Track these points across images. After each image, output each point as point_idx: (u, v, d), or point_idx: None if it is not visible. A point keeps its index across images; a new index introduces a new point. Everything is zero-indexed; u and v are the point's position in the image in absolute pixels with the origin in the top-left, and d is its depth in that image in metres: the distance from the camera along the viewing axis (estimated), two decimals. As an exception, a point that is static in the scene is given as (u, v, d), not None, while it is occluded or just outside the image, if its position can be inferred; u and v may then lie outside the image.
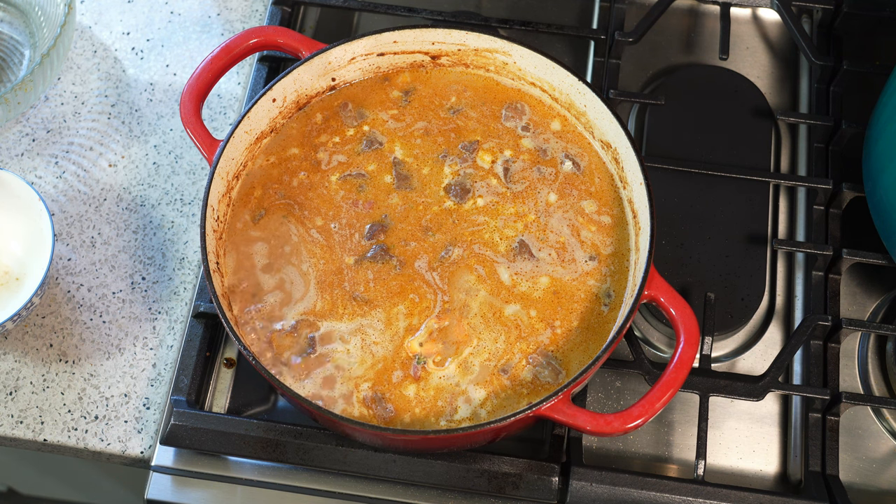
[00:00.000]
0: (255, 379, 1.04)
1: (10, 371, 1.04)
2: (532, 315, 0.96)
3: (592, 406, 1.04)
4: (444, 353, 0.94)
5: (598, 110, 1.01)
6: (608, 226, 1.00)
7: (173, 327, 1.06)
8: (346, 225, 1.00)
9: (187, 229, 1.11)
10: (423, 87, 1.07)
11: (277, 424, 0.96)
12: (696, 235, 1.10)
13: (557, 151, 1.04)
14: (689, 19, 1.25)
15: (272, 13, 1.18)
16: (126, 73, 1.19)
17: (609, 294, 0.97)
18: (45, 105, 1.17)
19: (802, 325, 1.03)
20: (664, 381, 0.87)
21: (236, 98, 1.18)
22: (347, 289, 0.97)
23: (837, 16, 1.19)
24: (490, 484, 0.95)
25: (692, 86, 1.19)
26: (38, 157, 1.14)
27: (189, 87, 1.00)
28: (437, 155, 1.04)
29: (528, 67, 1.04)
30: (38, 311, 1.06)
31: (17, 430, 1.02)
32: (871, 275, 1.11)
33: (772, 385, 1.00)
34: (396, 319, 0.96)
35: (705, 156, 1.14)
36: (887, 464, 1.03)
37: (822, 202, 1.10)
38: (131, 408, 1.03)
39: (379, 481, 0.98)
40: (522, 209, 1.01)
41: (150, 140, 1.16)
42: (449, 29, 1.04)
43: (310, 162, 1.03)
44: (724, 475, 1.02)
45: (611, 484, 0.95)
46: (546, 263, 0.98)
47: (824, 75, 1.16)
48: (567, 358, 0.94)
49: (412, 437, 0.90)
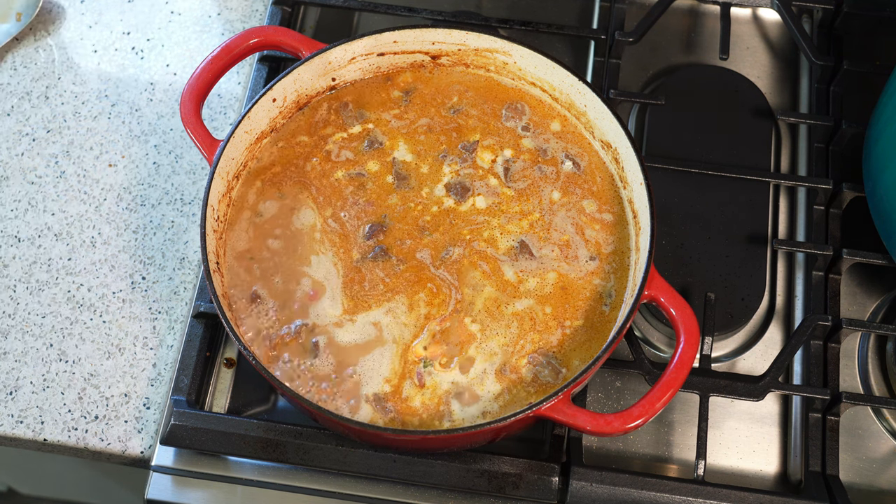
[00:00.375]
0: (255, 379, 1.04)
1: (10, 371, 1.04)
2: (547, 312, 0.96)
3: (592, 406, 1.04)
4: (450, 354, 0.94)
5: (599, 110, 1.01)
6: (610, 224, 1.00)
7: (173, 327, 1.06)
8: (354, 217, 1.00)
9: (187, 229, 1.11)
10: (423, 86, 1.07)
11: (277, 424, 0.96)
12: (696, 235, 1.10)
13: (557, 151, 1.04)
14: (689, 19, 1.25)
15: (272, 13, 1.18)
16: (126, 73, 1.19)
17: (610, 294, 0.97)
18: (45, 105, 1.17)
19: (802, 325, 1.03)
20: (664, 381, 0.87)
21: (236, 98, 1.18)
22: (350, 288, 0.97)
23: (837, 16, 1.19)
24: (490, 484, 0.95)
25: (692, 86, 1.19)
26: (38, 157, 1.14)
27: (189, 87, 1.00)
28: (437, 154, 1.04)
29: (529, 67, 1.04)
30: (38, 311, 1.07)
31: (17, 429, 1.02)
32: (871, 275, 1.11)
33: (772, 385, 1.00)
34: (401, 320, 0.96)
35: (705, 156, 1.14)
36: (887, 464, 1.03)
37: (822, 202, 1.10)
38: (131, 408, 1.03)
39: (379, 481, 0.98)
40: (527, 207, 1.01)
41: (150, 140, 1.16)
42: (449, 29, 1.04)
43: (321, 150, 1.03)
44: (724, 475, 1.02)
45: (611, 484, 0.95)
46: (550, 260, 0.98)
47: (824, 75, 1.16)
48: (568, 357, 0.94)
49: (412, 438, 0.90)
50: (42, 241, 1.10)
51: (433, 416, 0.92)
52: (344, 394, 0.93)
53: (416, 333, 0.95)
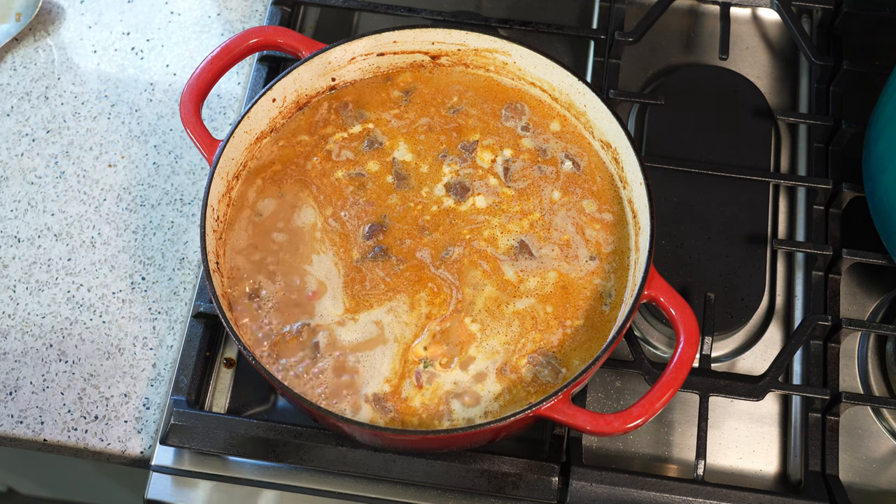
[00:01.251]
0: (255, 379, 1.04)
1: (10, 371, 1.04)
2: (548, 311, 0.96)
3: (592, 406, 1.04)
4: (450, 354, 0.94)
5: (598, 110, 1.01)
6: (610, 223, 1.00)
7: (173, 327, 1.06)
8: (354, 216, 1.00)
9: (187, 229, 1.11)
10: (423, 86, 1.07)
11: (277, 424, 0.96)
12: (696, 235, 1.10)
13: (557, 151, 1.04)
14: (689, 19, 1.25)
15: (272, 13, 1.18)
16: (126, 73, 1.19)
17: (610, 294, 0.97)
18: (45, 105, 1.17)
19: (802, 325, 1.03)
20: (664, 381, 0.87)
21: (236, 98, 1.18)
22: (352, 287, 0.97)
23: (837, 16, 1.19)
24: (490, 484, 0.95)
25: (692, 86, 1.19)
26: (38, 157, 1.14)
27: (189, 87, 1.00)
28: (437, 154, 1.04)
29: (528, 67, 1.04)
30: (38, 311, 1.07)
31: (17, 430, 1.02)
32: (871, 275, 1.11)
33: (772, 385, 1.00)
34: (402, 319, 0.96)
35: (705, 156, 1.14)
36: (887, 464, 1.03)
37: (822, 202, 1.10)
38: (131, 408, 1.03)
39: (379, 481, 0.98)
40: (528, 206, 1.01)
41: (150, 140, 1.16)
42: (449, 29, 1.04)
43: (321, 150, 1.03)
44: (724, 475, 1.02)
45: (611, 484, 0.95)
46: (551, 259, 0.98)
47: (824, 75, 1.16)
48: (568, 357, 0.94)
49: (412, 438, 0.90)
50: (42, 242, 1.10)
51: (433, 416, 0.92)
52: (344, 394, 0.93)
53: (417, 333, 0.95)
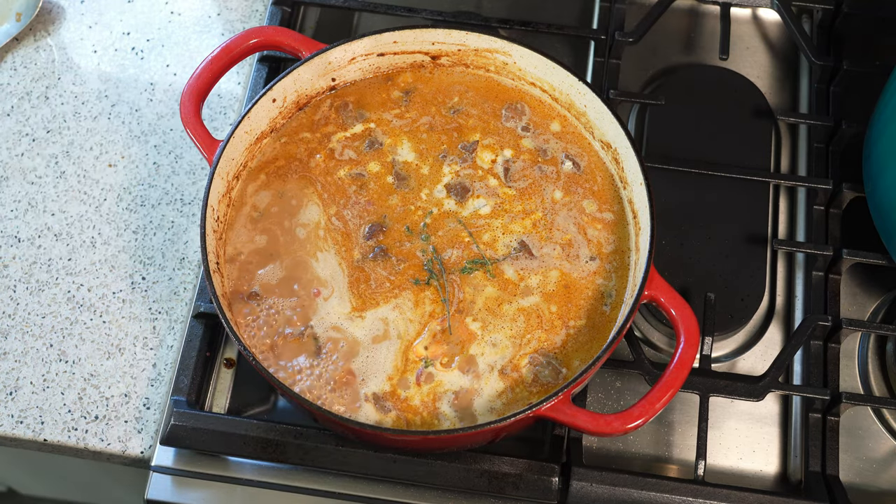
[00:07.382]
0: (255, 379, 1.04)
1: (10, 371, 1.04)
2: (553, 310, 0.96)
3: (592, 406, 1.04)
4: (451, 353, 0.94)
5: (598, 110, 1.01)
6: (611, 223, 1.00)
7: (173, 327, 1.06)
8: (356, 216, 1.00)
9: (187, 229, 1.11)
10: (423, 86, 1.07)
11: (277, 424, 0.96)
12: (696, 235, 1.10)
13: (557, 151, 1.04)
14: (689, 19, 1.25)
15: (272, 13, 1.18)
16: (126, 73, 1.19)
17: (611, 294, 0.97)
18: (45, 105, 1.17)
19: (802, 326, 1.03)
20: (664, 382, 0.87)
21: (236, 98, 1.18)
22: (357, 287, 0.97)
23: (837, 16, 1.19)
24: (490, 484, 0.95)
25: (692, 86, 1.19)
26: (38, 157, 1.14)
27: (189, 87, 1.00)
28: (437, 154, 1.04)
29: (528, 67, 1.04)
30: (38, 311, 1.07)
31: (17, 430, 1.02)
32: (871, 275, 1.11)
33: (772, 385, 1.00)
34: (407, 316, 0.96)
35: (705, 156, 1.14)
36: (887, 464, 1.03)
37: (822, 202, 1.10)
38: (131, 408, 1.03)
39: (379, 481, 0.98)
40: (530, 206, 1.01)
41: (150, 140, 1.16)
42: (449, 29, 1.04)
43: (325, 147, 1.03)
44: (724, 475, 1.02)
45: (611, 484, 0.95)
46: (552, 259, 0.98)
47: (824, 75, 1.16)
48: (568, 357, 0.94)
49: (412, 438, 0.90)
50: (42, 242, 1.10)
51: (433, 416, 0.92)
52: (344, 393, 0.93)
53: (419, 331, 0.95)
